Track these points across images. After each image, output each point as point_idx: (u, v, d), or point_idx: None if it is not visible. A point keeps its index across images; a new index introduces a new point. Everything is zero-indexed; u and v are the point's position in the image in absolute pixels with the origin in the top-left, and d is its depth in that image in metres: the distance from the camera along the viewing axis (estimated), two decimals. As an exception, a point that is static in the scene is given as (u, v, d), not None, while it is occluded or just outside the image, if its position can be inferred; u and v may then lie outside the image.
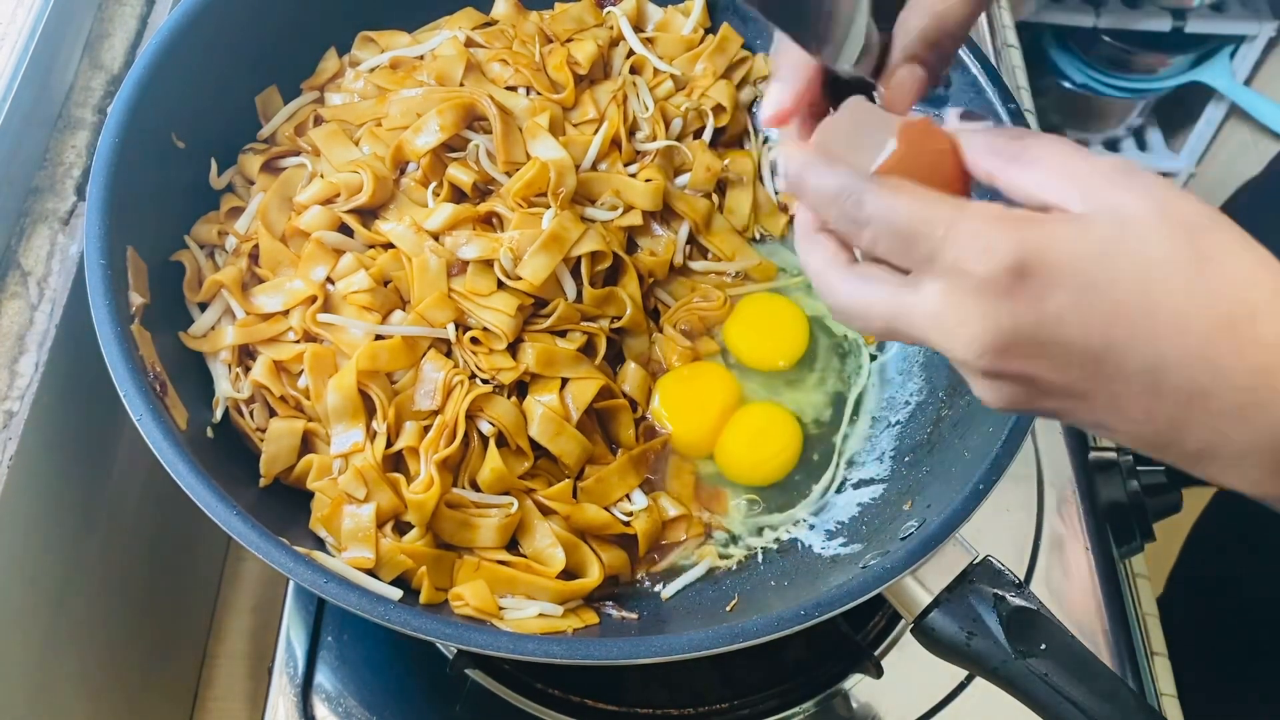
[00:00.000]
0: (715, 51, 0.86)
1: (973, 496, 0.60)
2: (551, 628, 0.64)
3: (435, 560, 0.65)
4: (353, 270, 0.71)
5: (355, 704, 0.76)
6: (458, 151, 0.77)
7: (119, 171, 0.66)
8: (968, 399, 0.72)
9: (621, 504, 0.72)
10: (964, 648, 0.58)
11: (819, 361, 0.82)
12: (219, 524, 0.57)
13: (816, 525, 0.74)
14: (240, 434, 0.69)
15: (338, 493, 0.65)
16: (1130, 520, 0.86)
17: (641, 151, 0.82)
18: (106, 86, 0.84)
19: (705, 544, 0.74)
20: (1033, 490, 0.87)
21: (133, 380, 0.60)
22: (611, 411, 0.75)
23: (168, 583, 0.93)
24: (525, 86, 0.80)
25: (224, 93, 0.76)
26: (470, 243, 0.71)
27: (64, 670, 0.78)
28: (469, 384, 0.68)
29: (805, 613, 0.56)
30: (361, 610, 0.56)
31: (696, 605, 0.70)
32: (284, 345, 0.70)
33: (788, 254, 0.86)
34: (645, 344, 0.78)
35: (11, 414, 0.70)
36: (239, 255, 0.73)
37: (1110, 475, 0.88)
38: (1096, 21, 1.77)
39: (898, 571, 0.58)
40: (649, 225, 0.81)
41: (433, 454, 0.66)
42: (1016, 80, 1.15)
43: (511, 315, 0.70)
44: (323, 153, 0.76)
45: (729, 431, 0.77)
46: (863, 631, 0.80)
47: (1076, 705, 0.55)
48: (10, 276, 0.75)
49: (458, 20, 0.84)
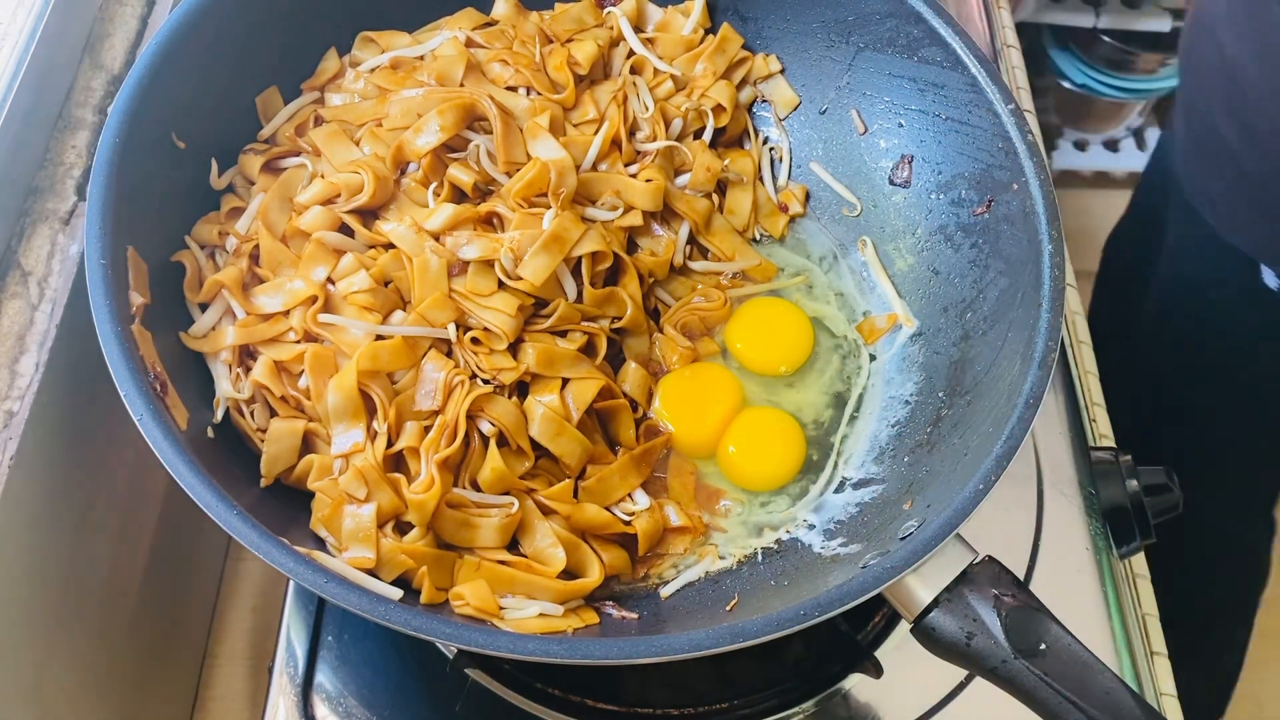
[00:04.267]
0: (715, 52, 0.86)
1: (973, 496, 0.60)
2: (551, 627, 0.64)
3: (436, 560, 0.65)
4: (353, 270, 0.71)
5: (355, 704, 0.76)
6: (458, 152, 0.77)
7: (119, 171, 0.66)
8: (968, 398, 0.72)
9: (624, 504, 0.73)
10: (964, 648, 0.58)
11: (819, 362, 0.82)
12: (219, 524, 0.57)
13: (816, 525, 0.74)
14: (241, 434, 0.69)
15: (338, 493, 0.65)
16: (1130, 520, 0.86)
17: (642, 152, 0.82)
18: (107, 86, 0.84)
19: (705, 544, 0.74)
20: (1033, 490, 0.87)
21: (133, 380, 0.60)
22: (612, 411, 0.75)
23: (168, 583, 0.93)
24: (525, 87, 0.80)
25: (225, 93, 0.76)
26: (471, 243, 0.71)
27: (64, 670, 0.78)
28: (470, 384, 0.68)
29: (805, 613, 0.56)
30: (362, 610, 0.56)
31: (696, 605, 0.70)
32: (284, 345, 0.70)
33: (787, 254, 0.87)
34: (646, 344, 0.79)
35: (11, 414, 0.70)
36: (239, 255, 0.73)
37: (1110, 475, 0.88)
38: (1096, 21, 1.77)
39: (898, 571, 0.58)
40: (649, 225, 0.81)
41: (433, 454, 0.66)
42: (1016, 80, 1.15)
43: (512, 315, 0.70)
44: (323, 153, 0.76)
45: (732, 439, 0.77)
46: (863, 631, 0.80)
47: (1076, 705, 0.55)
48: (10, 276, 0.75)
49: (458, 20, 0.84)
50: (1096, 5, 1.77)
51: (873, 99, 0.85)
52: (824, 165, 0.88)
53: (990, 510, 0.60)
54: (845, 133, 0.87)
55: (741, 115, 0.88)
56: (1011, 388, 0.66)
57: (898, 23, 0.81)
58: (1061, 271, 0.69)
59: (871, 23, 0.83)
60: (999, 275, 0.75)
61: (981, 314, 0.75)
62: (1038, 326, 0.67)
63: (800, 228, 0.88)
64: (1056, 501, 0.87)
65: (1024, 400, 0.63)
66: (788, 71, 0.89)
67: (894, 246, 0.84)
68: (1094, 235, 2.00)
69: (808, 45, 0.87)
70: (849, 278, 0.85)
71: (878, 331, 0.82)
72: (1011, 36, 1.19)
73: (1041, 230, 0.71)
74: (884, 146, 0.85)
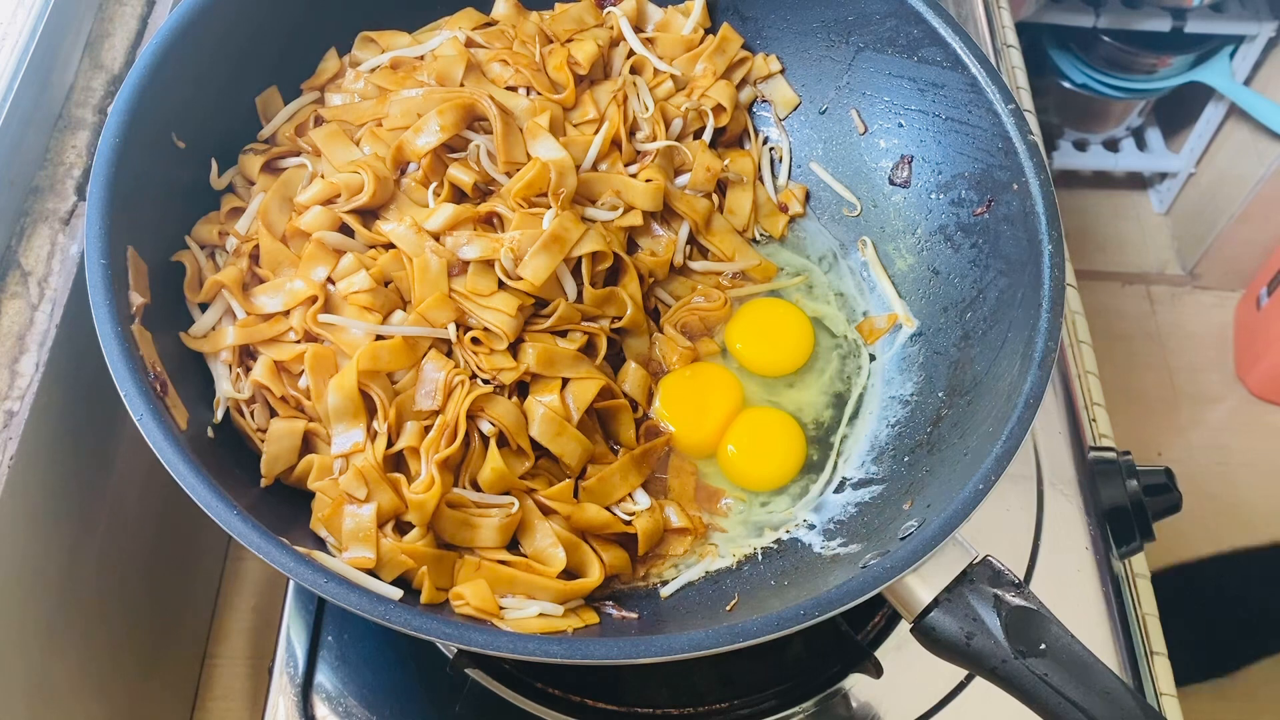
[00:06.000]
0: (715, 51, 0.86)
1: (973, 496, 0.60)
2: (552, 627, 0.64)
3: (436, 560, 0.65)
4: (353, 270, 0.71)
5: (355, 704, 0.76)
6: (458, 152, 0.77)
7: (119, 171, 0.66)
8: (968, 398, 0.72)
9: (624, 504, 0.73)
10: (964, 648, 0.58)
11: (819, 362, 0.82)
12: (219, 524, 0.57)
13: (816, 525, 0.74)
14: (241, 434, 0.69)
15: (339, 493, 0.65)
16: (1130, 520, 0.86)
17: (642, 151, 0.82)
18: (107, 86, 0.84)
19: (705, 544, 0.74)
20: (1033, 490, 0.87)
21: (133, 380, 0.60)
22: (612, 411, 0.75)
23: (168, 583, 0.93)
24: (525, 87, 0.80)
25: (225, 93, 0.76)
26: (471, 243, 0.71)
27: (64, 670, 0.78)
28: (470, 384, 0.69)
29: (805, 613, 0.56)
30: (362, 610, 0.56)
31: (696, 605, 0.70)
32: (285, 345, 0.70)
33: (787, 254, 0.87)
34: (646, 344, 0.79)
35: (11, 414, 0.70)
36: (239, 255, 0.73)
37: (1110, 475, 0.88)
38: (1096, 22, 1.77)
39: (898, 571, 0.58)
40: (649, 225, 0.81)
41: (434, 454, 0.66)
42: (1016, 80, 1.15)
43: (512, 315, 0.70)
44: (323, 153, 0.76)
45: (732, 439, 0.77)
46: (863, 631, 0.80)
47: (1076, 705, 0.55)
48: (10, 276, 0.75)
49: (458, 20, 0.84)
50: (1096, 5, 1.77)
51: (873, 99, 0.85)
52: (824, 165, 0.88)
53: (990, 510, 0.60)
54: (845, 133, 0.87)
55: (741, 115, 0.88)
56: (1011, 388, 0.66)
57: (898, 23, 0.81)
58: (1061, 271, 0.69)
59: (871, 23, 0.83)
60: (999, 275, 0.75)
61: (981, 314, 0.75)
62: (1038, 326, 0.67)
63: (800, 228, 0.88)
64: (1056, 501, 0.87)
65: (1024, 400, 0.64)
66: (788, 71, 0.89)
67: (894, 246, 0.84)
68: (1094, 235, 2.00)
69: (808, 45, 0.87)
70: (849, 278, 0.85)
71: (878, 331, 0.82)
72: (1011, 36, 1.19)
73: (1041, 230, 0.71)
74: (884, 146, 0.85)
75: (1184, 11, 1.74)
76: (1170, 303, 1.93)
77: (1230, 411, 1.82)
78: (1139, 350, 1.87)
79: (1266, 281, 1.80)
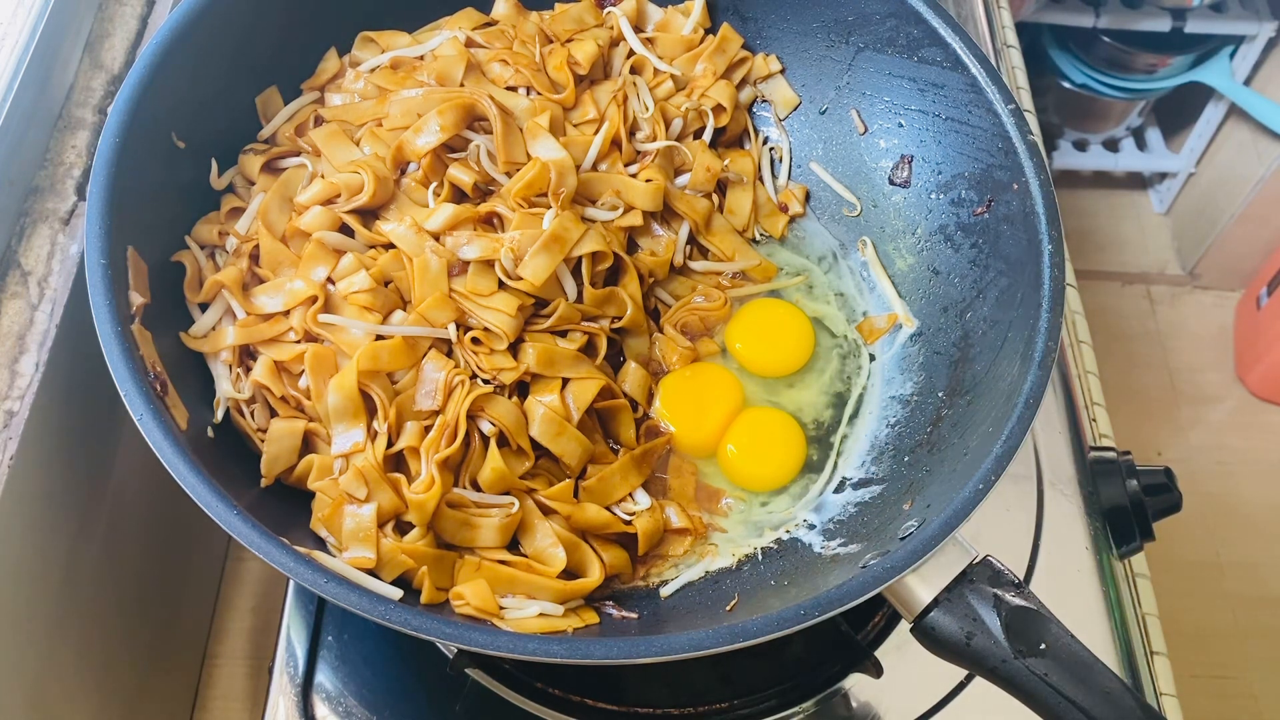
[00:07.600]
0: (715, 51, 0.86)
1: (973, 496, 0.60)
2: (552, 627, 0.64)
3: (436, 560, 0.65)
4: (353, 270, 0.71)
5: (355, 704, 0.76)
6: (458, 152, 0.77)
7: (119, 171, 0.66)
8: (968, 398, 0.72)
9: (624, 504, 0.73)
10: (964, 647, 0.58)
11: (819, 362, 0.82)
12: (219, 524, 0.57)
13: (816, 525, 0.74)
14: (241, 434, 0.69)
15: (339, 493, 0.65)
16: (1130, 520, 0.86)
17: (642, 151, 0.82)
18: (107, 86, 0.84)
19: (705, 544, 0.74)
20: (1033, 490, 0.87)
21: (133, 380, 0.60)
22: (612, 411, 0.75)
23: (168, 583, 0.93)
24: (525, 87, 0.80)
25: (224, 93, 0.76)
26: (471, 243, 0.71)
27: (64, 670, 0.78)
28: (470, 384, 0.69)
29: (805, 613, 0.56)
30: (362, 610, 0.56)
31: (696, 605, 0.70)
32: (285, 345, 0.70)
33: (787, 254, 0.87)
34: (646, 344, 0.79)
35: (11, 414, 0.70)
36: (239, 255, 0.73)
37: (1110, 475, 0.88)
38: (1096, 21, 1.77)
39: (898, 571, 0.58)
40: (649, 225, 0.81)
41: (434, 454, 0.66)
42: (1016, 80, 1.15)
43: (512, 315, 0.70)
44: (323, 153, 0.76)
45: (732, 439, 0.77)
46: (863, 631, 0.80)
47: (1076, 705, 0.55)
48: (10, 276, 0.75)
49: (458, 20, 0.84)
50: (1096, 5, 1.77)
51: (873, 99, 0.85)
52: (824, 165, 0.88)
53: (990, 510, 0.60)
54: (845, 133, 0.87)
55: (741, 115, 0.88)
56: (1011, 388, 0.66)
57: (898, 23, 0.81)
58: (1061, 271, 0.69)
59: (871, 23, 0.83)
60: (999, 275, 0.75)
61: (981, 314, 0.75)
62: (1038, 326, 0.67)
63: (800, 228, 0.88)
64: (1056, 501, 0.87)
65: (1024, 400, 0.64)
66: (788, 71, 0.89)
67: (894, 246, 0.84)
68: (1094, 235, 2.00)
69: (808, 45, 0.87)
70: (849, 278, 0.85)
71: (877, 331, 0.82)
72: (1011, 36, 1.19)
73: (1041, 230, 0.71)
74: (884, 146, 0.85)
75: (1184, 11, 1.74)
76: (1170, 303, 1.93)
77: (1230, 411, 1.82)
78: (1139, 350, 1.87)
79: (1266, 281, 1.80)
